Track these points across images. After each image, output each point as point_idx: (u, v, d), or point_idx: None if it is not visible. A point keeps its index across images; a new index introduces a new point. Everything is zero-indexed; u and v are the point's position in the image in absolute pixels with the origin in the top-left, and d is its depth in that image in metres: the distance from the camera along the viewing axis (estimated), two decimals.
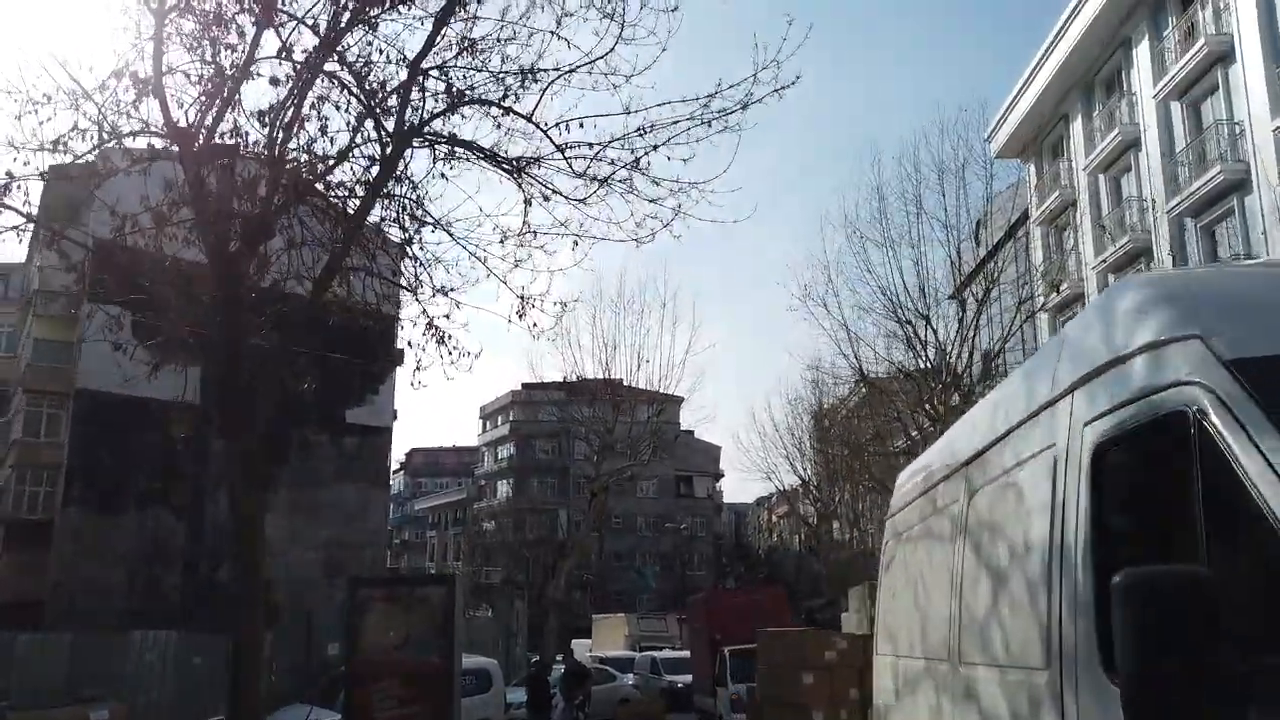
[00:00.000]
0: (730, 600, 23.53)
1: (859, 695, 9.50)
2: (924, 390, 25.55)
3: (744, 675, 18.66)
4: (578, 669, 17.05)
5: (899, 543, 5.07)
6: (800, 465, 46.00)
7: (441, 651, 10.34)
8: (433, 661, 10.34)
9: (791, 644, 9.84)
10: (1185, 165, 22.49)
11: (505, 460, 74.43)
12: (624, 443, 31.08)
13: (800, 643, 9.64)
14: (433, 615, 10.48)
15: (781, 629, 13.17)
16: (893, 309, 25.09)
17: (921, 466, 4.97)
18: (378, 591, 10.91)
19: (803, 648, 9.47)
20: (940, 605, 4.06)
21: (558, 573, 29.09)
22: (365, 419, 38.44)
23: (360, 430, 38.56)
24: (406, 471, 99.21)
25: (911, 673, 4.41)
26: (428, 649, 10.45)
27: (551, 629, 28.01)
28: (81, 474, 30.44)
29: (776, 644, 10.07)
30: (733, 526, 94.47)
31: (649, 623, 36.53)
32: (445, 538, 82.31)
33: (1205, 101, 22.32)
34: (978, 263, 26.78)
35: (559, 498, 66.88)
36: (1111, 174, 26.82)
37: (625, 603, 54.06)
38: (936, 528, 4.33)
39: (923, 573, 4.45)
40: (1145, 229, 24.30)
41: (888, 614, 5.11)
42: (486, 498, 75.36)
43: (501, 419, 75.71)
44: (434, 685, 10.28)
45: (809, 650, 9.39)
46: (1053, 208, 29.48)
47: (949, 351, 25.23)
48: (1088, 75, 27.74)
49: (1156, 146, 23.69)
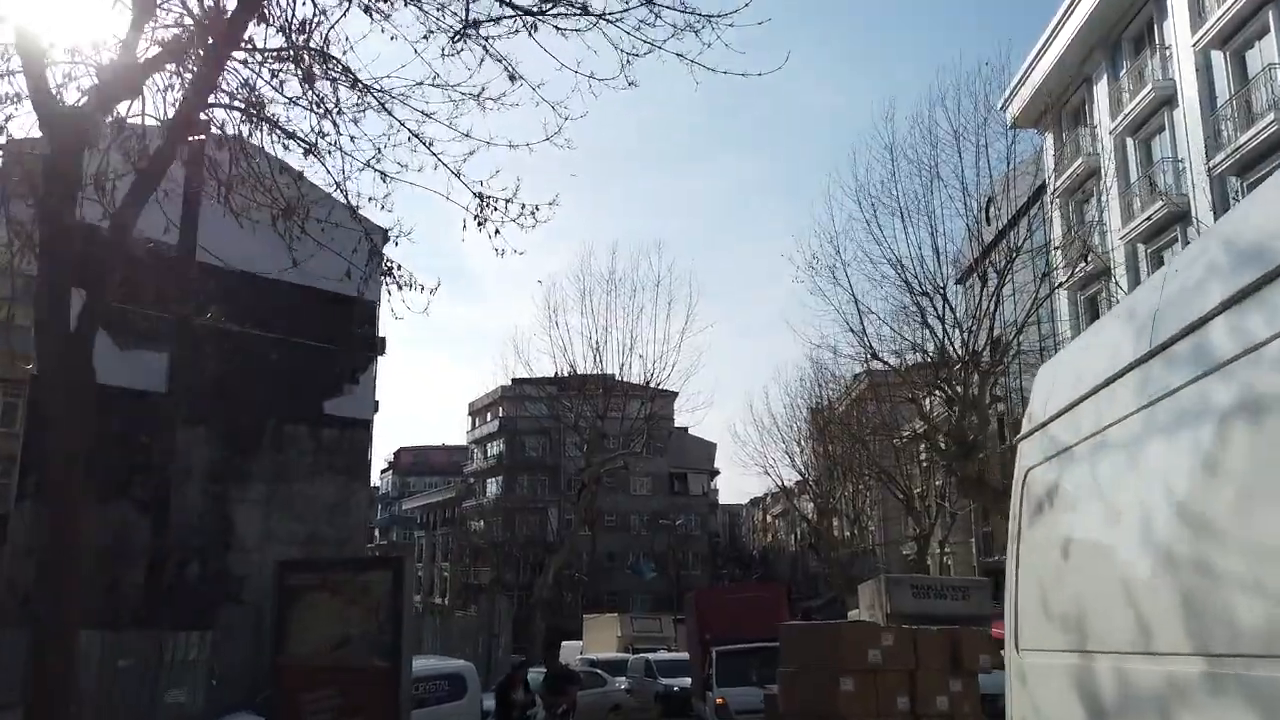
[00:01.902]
0: (722, 597, 21.40)
1: (910, 705, 7.53)
2: (940, 370, 23.64)
3: (734, 678, 16.69)
4: (561, 672, 14.96)
5: (1065, 466, 3.09)
6: (800, 458, 44.21)
7: (388, 651, 8.32)
8: (377, 664, 8.32)
9: (824, 640, 7.76)
10: (1229, 119, 20.60)
11: (494, 458, 72.50)
12: (615, 437, 29.12)
13: (836, 639, 7.56)
14: (378, 607, 8.46)
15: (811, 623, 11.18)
16: (905, 282, 23.16)
17: (1125, 323, 2.95)
18: (311, 578, 8.87)
19: (839, 645, 7.41)
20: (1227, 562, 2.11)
21: (545, 570, 27.05)
22: (345, 410, 36.36)
23: (340, 422, 36.59)
24: (394, 471, 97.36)
25: (1133, 681, 2.46)
26: (372, 649, 8.44)
27: (538, 629, 25.99)
28: (37, 466, 28.32)
29: (804, 641, 8.01)
30: (727, 528, 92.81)
31: (643, 623, 34.51)
32: (434, 538, 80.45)
33: (1252, 48, 20.42)
34: (997, 232, 24.90)
35: (549, 495, 64.90)
36: (1141, 136, 24.91)
37: (619, 603, 52.03)
38: (1190, 423, 2.36)
39: (1151, 507, 2.47)
40: (1181, 191, 22.41)
41: (1052, 584, 3.13)
42: (475, 496, 73.37)
43: (490, 415, 73.70)
44: (379, 692, 8.27)
45: (847, 648, 7.36)
46: (1074, 178, 27.57)
47: (967, 327, 23.31)
48: (1114, 32, 25.85)
49: (1195, 101, 21.79)
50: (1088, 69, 27.04)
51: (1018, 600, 3.48)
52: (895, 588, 19.63)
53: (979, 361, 22.99)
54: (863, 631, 8.04)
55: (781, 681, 8.16)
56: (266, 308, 24.38)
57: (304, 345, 26.07)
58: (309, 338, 26.28)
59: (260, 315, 24.44)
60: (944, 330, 23.11)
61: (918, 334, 23.66)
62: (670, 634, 33.06)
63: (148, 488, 30.93)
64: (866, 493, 47.62)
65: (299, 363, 24.70)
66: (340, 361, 29.20)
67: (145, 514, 31.64)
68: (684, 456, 71.57)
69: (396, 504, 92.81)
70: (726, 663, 17.55)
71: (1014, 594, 3.53)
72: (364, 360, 34.99)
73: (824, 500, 43.95)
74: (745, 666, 16.93)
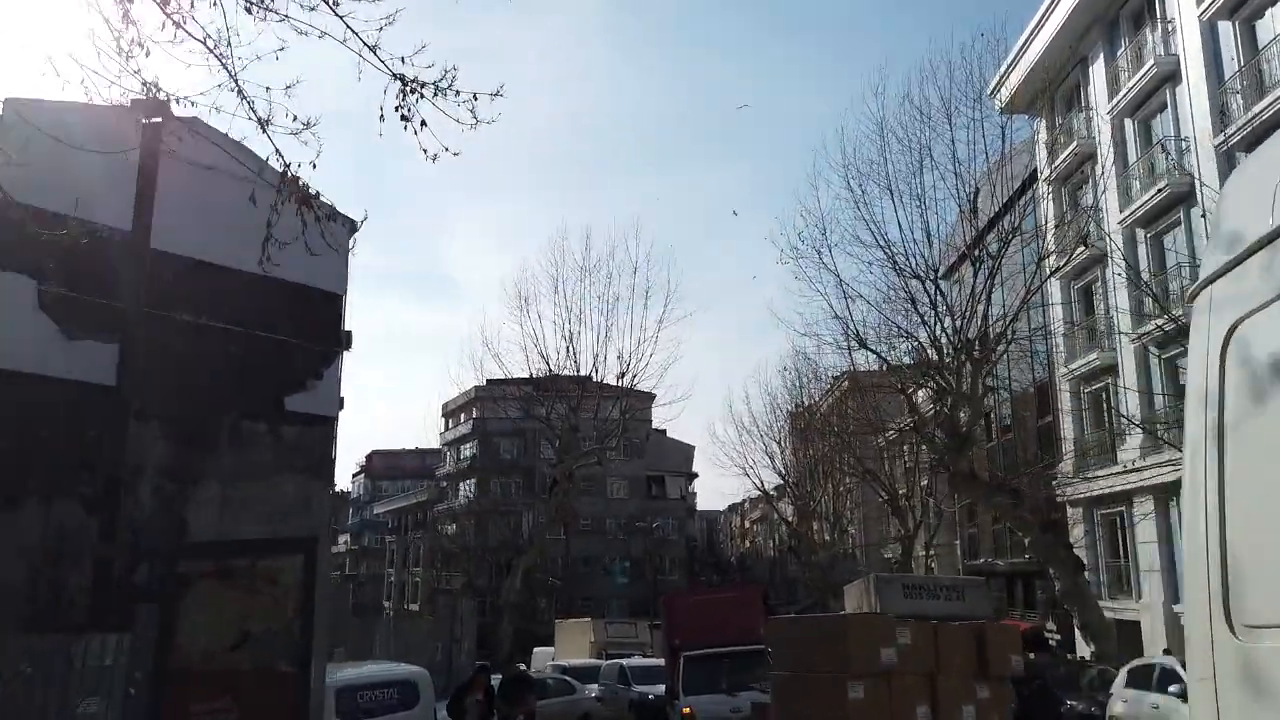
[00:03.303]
0: (693, 599, 19.71)
1: (930, 716, 6.11)
2: (930, 360, 22.35)
3: (704, 685, 15.39)
4: (518, 677, 13.39)
5: None
6: (781, 459, 42.91)
7: (296, 653, 6.83)
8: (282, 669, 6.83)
9: (827, 637, 6.26)
10: (1238, 92, 19.47)
11: (467, 460, 70.74)
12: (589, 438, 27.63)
13: (842, 634, 6.07)
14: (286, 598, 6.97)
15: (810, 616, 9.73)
16: (893, 262, 21.83)
17: None
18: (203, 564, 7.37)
19: (844, 643, 5.94)
20: None
21: (514, 572, 25.49)
22: (308, 406, 34.82)
23: (302, 419, 35.00)
24: (367, 474, 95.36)
25: None
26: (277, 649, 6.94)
27: (506, 634, 24.41)
28: None
29: (802, 638, 6.50)
30: (704, 534, 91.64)
31: (617, 628, 33.01)
32: (405, 542, 78.62)
33: (1262, 16, 19.32)
34: (991, 216, 23.65)
35: (524, 498, 63.26)
36: (1141, 115, 23.79)
37: (593, 609, 50.42)
38: None
39: None
40: (1186, 170, 21.28)
41: None
42: (448, 499, 71.58)
43: (464, 416, 71.98)
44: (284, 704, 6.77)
45: (856, 647, 5.92)
46: (1069, 162, 26.45)
47: (960, 313, 22.02)
48: (1111, 9, 24.78)
49: (1201, 75, 20.68)
50: (1084, 48, 25.93)
51: (1228, 548, 2.06)
52: (885, 587, 18.19)
53: (972, 351, 21.72)
54: (875, 625, 6.42)
55: (775, 689, 6.68)
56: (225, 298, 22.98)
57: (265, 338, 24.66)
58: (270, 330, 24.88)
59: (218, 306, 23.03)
60: (935, 316, 21.84)
61: (907, 319, 22.38)
62: (646, 639, 31.73)
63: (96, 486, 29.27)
64: (848, 494, 46.42)
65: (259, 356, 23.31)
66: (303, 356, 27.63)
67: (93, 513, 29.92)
68: (662, 459, 70.20)
69: (368, 508, 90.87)
70: (695, 669, 16.16)
71: (1218, 539, 2.09)
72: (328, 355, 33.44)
73: (804, 502, 42.63)
74: (715, 673, 15.72)
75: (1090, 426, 26.47)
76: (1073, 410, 26.79)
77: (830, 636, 6.29)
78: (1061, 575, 19.92)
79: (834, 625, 6.90)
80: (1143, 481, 22.63)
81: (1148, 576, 23.18)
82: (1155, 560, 22.73)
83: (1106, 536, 25.59)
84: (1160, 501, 22.56)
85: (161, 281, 23.26)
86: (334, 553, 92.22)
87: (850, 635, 6.16)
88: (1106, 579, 25.32)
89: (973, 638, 6.55)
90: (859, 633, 6.20)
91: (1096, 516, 25.72)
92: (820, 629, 6.84)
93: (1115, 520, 25.14)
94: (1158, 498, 22.54)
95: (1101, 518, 25.62)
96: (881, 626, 6.39)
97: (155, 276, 21.87)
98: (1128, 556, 24.37)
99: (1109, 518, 25.40)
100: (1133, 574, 24.03)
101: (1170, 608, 21.59)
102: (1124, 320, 23.51)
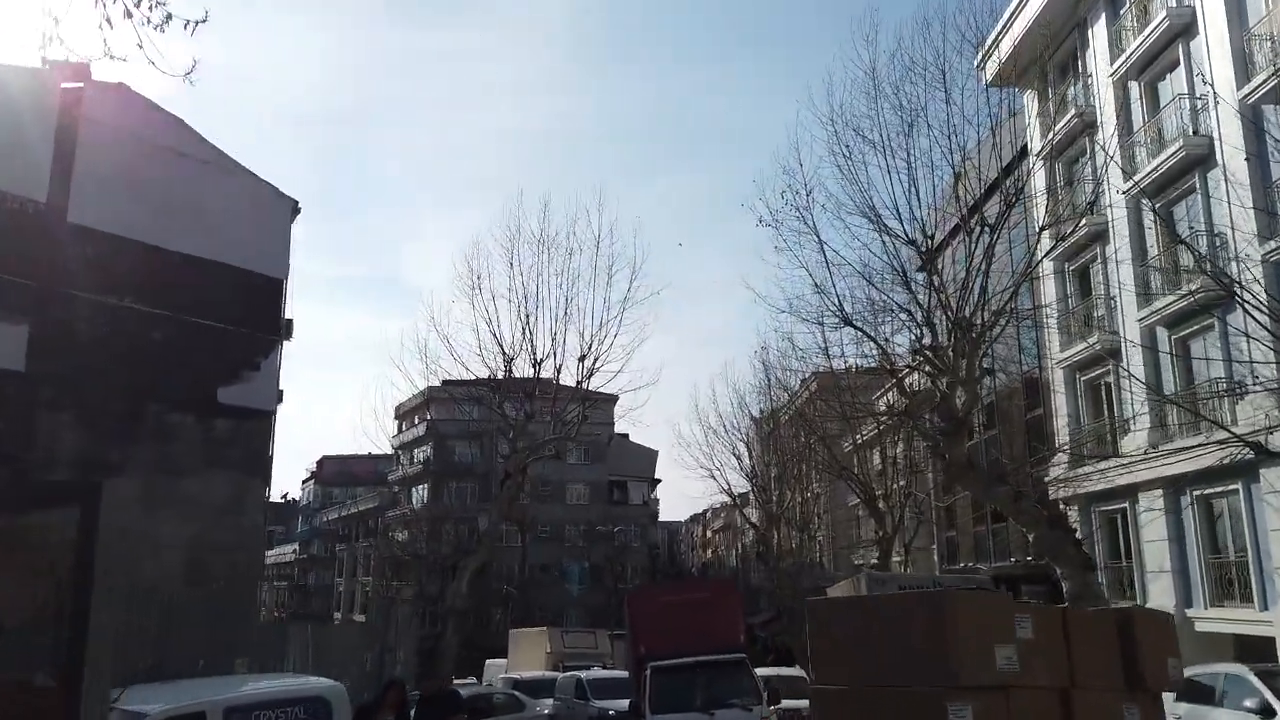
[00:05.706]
0: (662, 599, 17.18)
1: None
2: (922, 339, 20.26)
3: (674, 702, 13.37)
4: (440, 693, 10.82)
5: None
6: (748, 460, 40.76)
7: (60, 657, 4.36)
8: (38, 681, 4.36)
9: (912, 627, 3.69)
10: (1268, 38, 17.68)
11: (421, 463, 67.88)
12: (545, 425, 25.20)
13: (938, 621, 3.47)
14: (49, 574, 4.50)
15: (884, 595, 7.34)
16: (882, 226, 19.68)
17: None
18: None
19: (945, 636, 3.44)
20: None
21: (460, 574, 22.93)
22: (243, 399, 32.05)
23: (237, 412, 32.24)
24: (317, 480, 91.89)
25: None
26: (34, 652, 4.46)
27: (451, 644, 21.80)
28: None
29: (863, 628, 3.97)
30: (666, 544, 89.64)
31: (575, 637, 30.58)
32: (354, 550, 75.40)
33: None
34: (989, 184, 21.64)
35: (479, 504, 60.58)
36: (1148, 77, 21.99)
37: (551, 618, 47.84)
38: None
39: None
40: (1204, 132, 19.46)
41: None
42: (401, 505, 68.60)
43: (418, 418, 69.09)
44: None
45: (959, 643, 3.49)
46: (1063, 135, 24.57)
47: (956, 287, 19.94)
48: None
49: (1223, 26, 18.88)
50: (1082, 10, 24.14)
51: None
52: (879, 587, 16.00)
53: (969, 329, 19.64)
54: (986, 610, 3.90)
55: (816, 708, 4.26)
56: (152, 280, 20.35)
57: (195, 324, 22.11)
58: (202, 316, 22.34)
59: (144, 288, 20.36)
60: (930, 289, 19.72)
61: (895, 292, 20.20)
62: (606, 649, 29.44)
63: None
64: (814, 500, 44.46)
65: (189, 344, 20.83)
66: (239, 345, 24.92)
67: None
68: (624, 464, 67.92)
69: (319, 515, 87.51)
70: (663, 681, 13.90)
71: None
72: (266, 344, 30.63)
73: (771, 505, 40.53)
74: (688, 687, 13.72)
75: (1089, 417, 24.58)
76: (1067, 398, 24.88)
77: (922, 625, 3.76)
78: (1070, 575, 17.82)
79: (929, 606, 4.18)
80: (1152, 473, 20.72)
81: (1155, 578, 21.24)
82: (1165, 561, 20.80)
83: (1107, 536, 23.65)
84: (1170, 497, 20.65)
85: (80, 259, 20.20)
86: (282, 562, 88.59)
87: (958, 623, 3.72)
88: (1106, 581, 23.33)
89: (1116, 630, 4.24)
90: (968, 620, 3.78)
91: (1095, 514, 23.78)
92: (899, 611, 4.21)
93: (1116, 519, 23.22)
94: (1168, 492, 20.64)
95: (1101, 516, 23.68)
96: (995, 611, 3.79)
97: (73, 253, 18.99)
98: (1130, 557, 22.44)
99: (1109, 515, 23.47)
100: (1136, 576, 22.09)
101: (1183, 612, 19.63)
102: (1128, 299, 21.68)
